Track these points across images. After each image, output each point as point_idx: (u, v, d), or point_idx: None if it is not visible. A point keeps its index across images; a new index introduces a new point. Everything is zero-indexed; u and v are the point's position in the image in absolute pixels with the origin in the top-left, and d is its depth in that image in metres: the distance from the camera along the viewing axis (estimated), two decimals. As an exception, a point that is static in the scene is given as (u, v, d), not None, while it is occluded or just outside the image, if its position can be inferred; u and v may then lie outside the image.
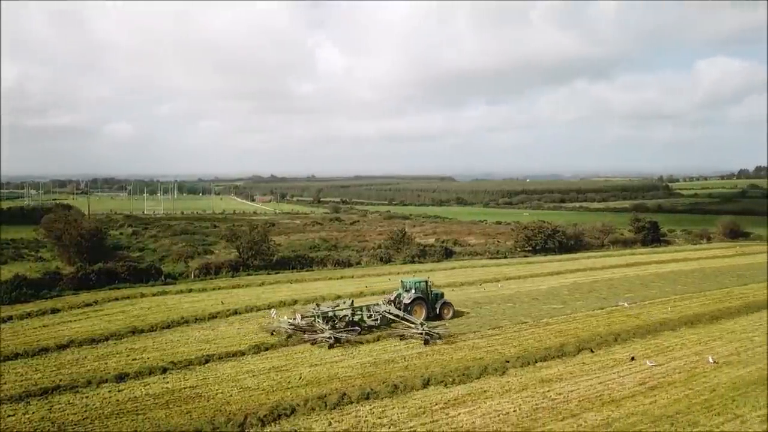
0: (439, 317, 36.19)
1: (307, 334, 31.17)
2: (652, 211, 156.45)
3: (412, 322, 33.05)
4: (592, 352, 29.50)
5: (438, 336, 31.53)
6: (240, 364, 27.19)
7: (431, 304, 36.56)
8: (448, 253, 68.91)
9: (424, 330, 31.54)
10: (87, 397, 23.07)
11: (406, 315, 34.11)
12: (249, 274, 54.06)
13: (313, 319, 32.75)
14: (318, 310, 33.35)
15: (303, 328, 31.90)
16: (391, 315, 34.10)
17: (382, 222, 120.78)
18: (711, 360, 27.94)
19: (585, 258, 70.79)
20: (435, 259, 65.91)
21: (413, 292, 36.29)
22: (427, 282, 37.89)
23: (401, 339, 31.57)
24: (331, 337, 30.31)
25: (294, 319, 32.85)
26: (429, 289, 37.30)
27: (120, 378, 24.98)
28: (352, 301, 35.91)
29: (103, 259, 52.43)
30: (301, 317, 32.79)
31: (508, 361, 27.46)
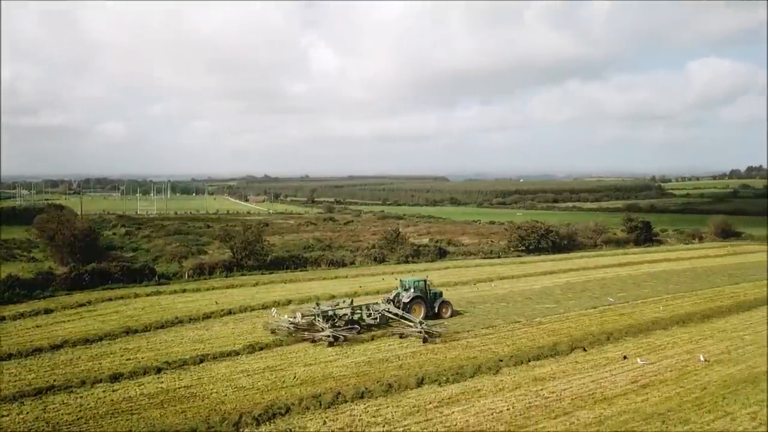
0: (438, 316, 36.39)
1: (307, 333, 31.43)
2: (645, 211, 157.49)
3: (411, 321, 33.32)
4: (584, 350, 29.72)
5: (438, 335, 31.76)
6: (234, 364, 27.23)
7: (430, 303, 36.75)
8: (442, 253, 69.11)
9: (422, 328, 31.76)
10: (81, 397, 23.04)
11: (405, 314, 34.33)
12: (243, 274, 54.02)
13: (313, 317, 32.96)
14: (318, 309, 33.59)
15: (303, 327, 32.12)
16: (391, 314, 34.36)
17: (376, 222, 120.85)
18: (702, 358, 28.20)
19: (578, 258, 71.12)
20: (429, 258, 66.09)
21: (412, 291, 36.46)
22: (425, 281, 38.07)
23: (400, 337, 31.77)
24: (330, 336, 30.54)
25: (294, 317, 33.07)
26: (428, 288, 37.50)
27: (114, 378, 24.95)
28: (352, 300, 36.18)
29: (96, 259, 52.23)
30: (302, 316, 33.00)
31: (502, 360, 27.63)
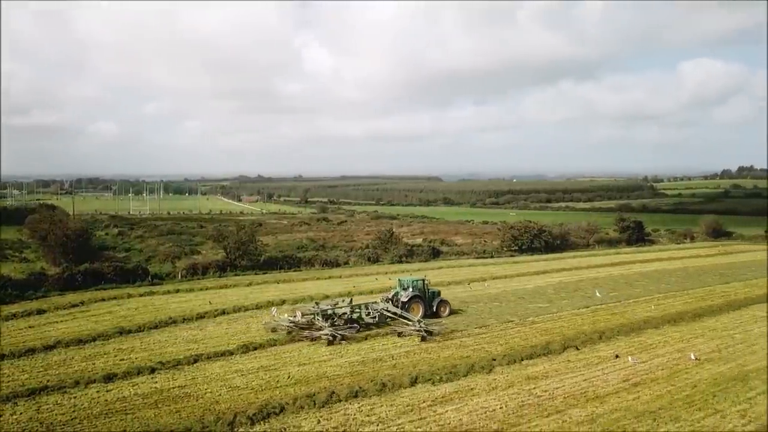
0: (436, 315, 36.70)
1: (307, 332, 31.65)
2: (637, 210, 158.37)
3: (410, 320, 33.67)
4: (577, 349, 29.92)
5: (437, 333, 32.12)
6: (228, 364, 27.26)
7: (428, 302, 37.06)
8: (436, 253, 69.31)
9: (421, 327, 32.10)
10: (75, 397, 23.01)
11: (404, 313, 34.65)
12: (236, 275, 54.00)
13: (312, 316, 33.17)
14: (318, 307, 33.82)
15: (303, 326, 32.38)
16: (389, 313, 34.72)
17: (370, 222, 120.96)
18: (693, 357, 28.45)
19: (570, 257, 71.50)
20: (422, 258, 66.29)
21: (410, 290, 36.76)
22: (424, 281, 38.37)
23: (399, 336, 32.05)
24: (330, 334, 30.75)
25: (294, 316, 33.32)
26: (426, 287, 37.81)
27: (108, 378, 24.93)
28: (351, 299, 36.58)
29: (89, 259, 52.07)
30: (302, 315, 33.26)
31: (495, 359, 27.78)
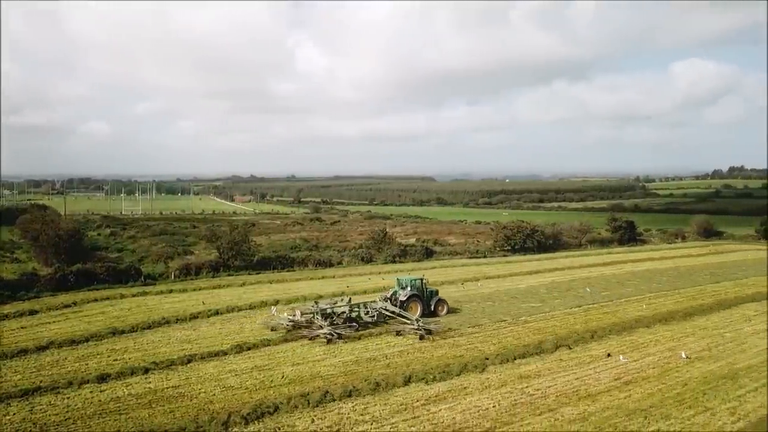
0: (434, 314, 36.98)
1: (306, 330, 31.86)
2: (629, 210, 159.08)
3: (408, 319, 33.94)
4: (569, 348, 30.15)
5: (436, 331, 32.45)
6: (222, 364, 27.29)
7: (426, 302, 37.30)
8: (429, 253, 69.46)
9: (419, 326, 32.41)
10: (68, 397, 22.98)
11: (402, 312, 34.91)
12: (230, 275, 53.94)
13: (312, 315, 33.36)
14: (317, 307, 34.02)
15: (302, 324, 32.61)
16: (388, 312, 35.02)
17: (363, 222, 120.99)
18: (683, 355, 28.74)
19: (563, 257, 71.84)
20: (416, 258, 66.43)
21: (409, 289, 37.00)
22: (422, 280, 38.60)
23: (397, 334, 32.36)
24: (329, 333, 30.94)
25: (294, 315, 33.49)
26: (424, 286, 38.07)
27: (101, 378, 24.90)
28: (350, 298, 36.95)
29: (81, 259, 51.84)
30: (301, 314, 33.45)
31: (488, 359, 27.96)
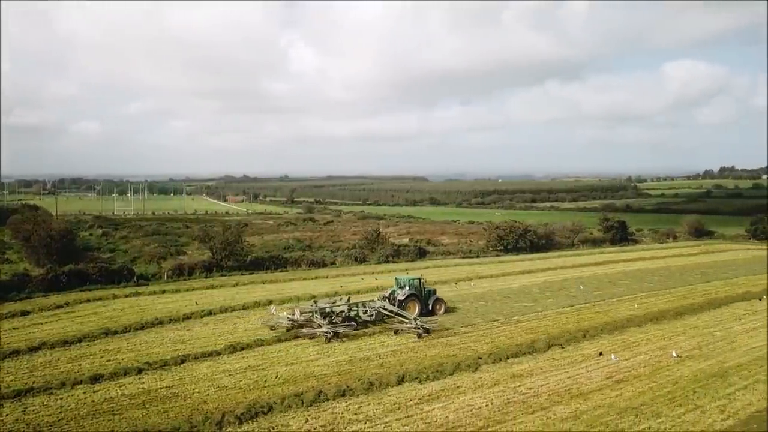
0: (432, 313, 37.23)
1: (305, 329, 32.04)
2: (621, 210, 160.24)
3: (406, 318, 34.15)
4: (561, 348, 30.32)
5: (434, 329, 32.74)
6: (216, 364, 27.30)
7: (424, 301, 37.52)
8: (422, 253, 69.65)
9: (417, 324, 32.67)
10: (61, 398, 22.93)
11: (401, 311, 35.13)
12: (223, 275, 53.87)
13: (311, 314, 33.49)
14: (316, 306, 34.16)
15: (301, 323, 32.76)
16: (386, 311, 35.23)
17: (357, 222, 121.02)
18: (674, 354, 28.99)
19: (555, 257, 72.20)
20: (409, 258, 66.58)
21: (407, 289, 37.20)
22: (420, 279, 38.81)
23: (396, 333, 32.68)
24: (328, 332, 31.12)
25: (293, 314, 33.59)
26: (422, 286, 38.29)
27: (95, 379, 24.85)
28: (349, 297, 37.27)
29: (73, 260, 51.64)
30: (300, 313, 33.56)
31: (481, 358, 28.10)
